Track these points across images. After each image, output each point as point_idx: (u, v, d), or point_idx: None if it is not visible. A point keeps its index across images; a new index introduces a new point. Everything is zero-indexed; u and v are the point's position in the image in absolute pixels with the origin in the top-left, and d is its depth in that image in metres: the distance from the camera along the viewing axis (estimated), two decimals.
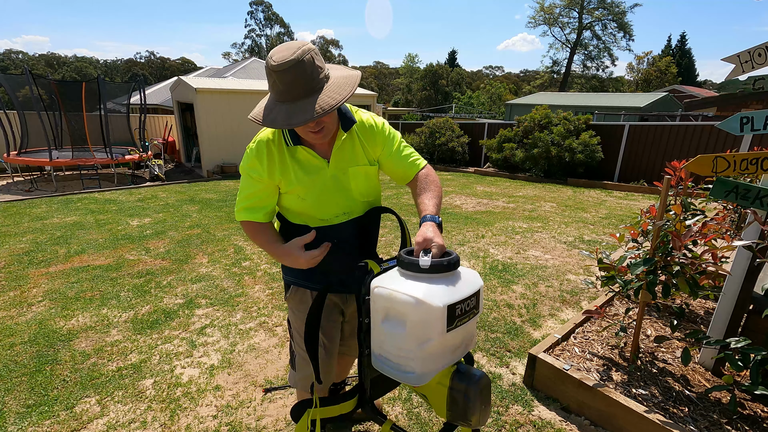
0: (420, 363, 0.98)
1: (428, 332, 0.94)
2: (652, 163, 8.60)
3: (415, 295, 0.93)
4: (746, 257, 1.89)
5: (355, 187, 1.31)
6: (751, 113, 1.80)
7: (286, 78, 1.04)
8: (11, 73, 14.60)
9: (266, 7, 53.64)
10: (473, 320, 1.03)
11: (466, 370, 1.05)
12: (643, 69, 41.89)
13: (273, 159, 1.24)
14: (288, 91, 1.06)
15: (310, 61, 1.04)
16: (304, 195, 1.26)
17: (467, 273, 1.05)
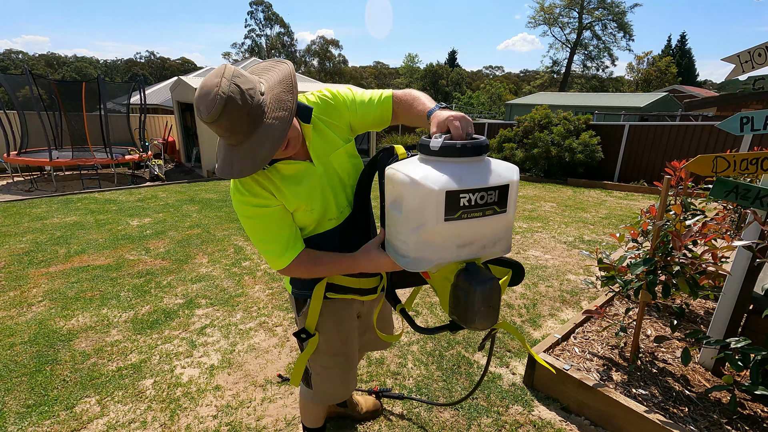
0: (413, 248, 0.92)
1: (422, 216, 0.87)
2: (652, 163, 8.60)
3: (413, 175, 0.86)
4: (746, 257, 1.89)
5: (342, 172, 1.23)
6: (751, 113, 1.80)
7: (220, 130, 0.96)
8: (11, 73, 14.61)
9: (266, 7, 53.64)
10: (494, 219, 0.91)
11: (475, 270, 0.94)
12: (643, 69, 41.91)
13: (264, 185, 1.11)
14: (228, 139, 0.98)
15: (237, 92, 0.91)
16: (309, 206, 1.16)
17: (498, 165, 0.91)
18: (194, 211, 6.23)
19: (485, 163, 0.90)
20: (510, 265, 1.16)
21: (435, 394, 2.16)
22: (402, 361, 2.44)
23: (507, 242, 1.00)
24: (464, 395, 2.15)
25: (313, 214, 1.18)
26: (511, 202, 0.92)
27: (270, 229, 1.13)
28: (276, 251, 1.14)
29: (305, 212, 1.17)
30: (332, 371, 1.41)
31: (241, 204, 1.12)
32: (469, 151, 0.88)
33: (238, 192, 1.11)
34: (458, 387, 2.22)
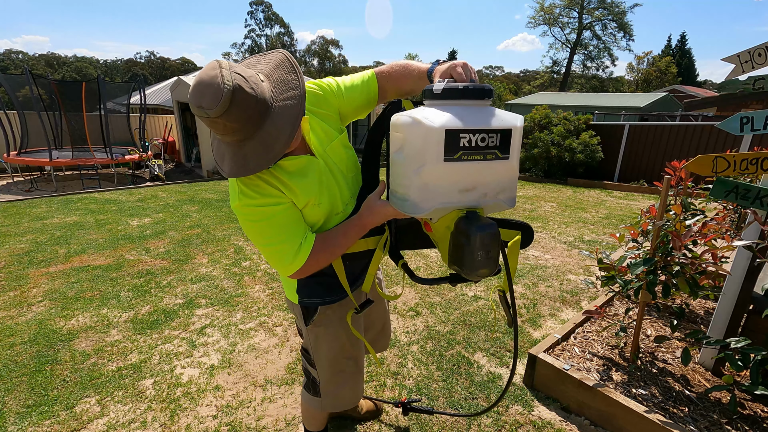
0: (415, 191, 0.91)
1: (423, 156, 0.86)
2: (652, 163, 8.60)
3: (415, 115, 0.86)
4: (746, 257, 1.89)
5: (340, 163, 1.19)
6: (751, 113, 1.80)
7: (231, 120, 0.87)
8: (11, 73, 14.60)
9: (266, 7, 53.66)
10: (496, 164, 0.89)
11: (475, 217, 0.92)
12: (643, 69, 41.90)
13: (273, 184, 1.05)
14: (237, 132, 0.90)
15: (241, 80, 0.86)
16: (318, 200, 1.12)
17: (502, 113, 0.90)
18: (194, 211, 6.23)
19: (489, 109, 0.89)
20: (518, 227, 1.15)
21: (435, 395, 2.16)
22: (402, 361, 2.44)
23: (511, 193, 0.96)
24: (465, 395, 2.15)
25: (321, 207, 1.13)
26: (514, 149, 0.90)
27: (283, 227, 1.06)
28: (291, 251, 1.06)
29: (314, 207, 1.11)
30: (344, 376, 1.38)
31: (248, 207, 1.03)
32: (471, 92, 0.87)
33: (245, 196, 1.02)
34: (458, 387, 2.22)
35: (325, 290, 1.28)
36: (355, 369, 1.41)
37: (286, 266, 1.08)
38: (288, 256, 1.06)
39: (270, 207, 1.03)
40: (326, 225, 1.18)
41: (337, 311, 1.32)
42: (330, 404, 1.43)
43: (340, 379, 1.39)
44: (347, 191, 1.21)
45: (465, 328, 2.82)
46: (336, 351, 1.35)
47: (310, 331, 1.34)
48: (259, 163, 0.93)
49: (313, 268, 1.12)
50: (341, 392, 1.41)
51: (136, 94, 9.65)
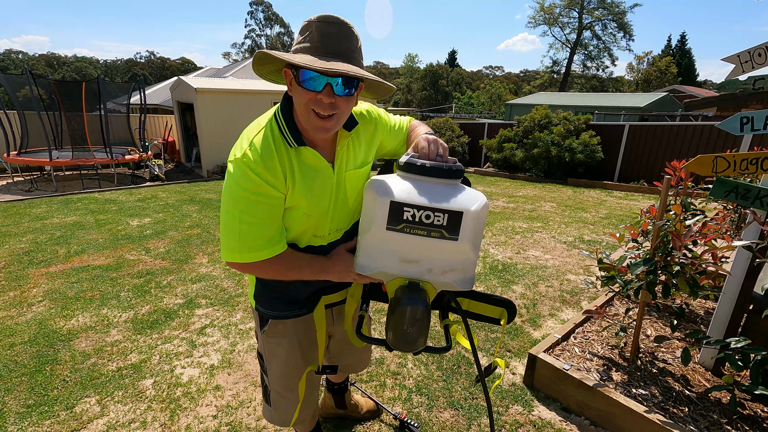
0: (362, 251, 0.96)
1: (370, 219, 0.90)
2: (652, 163, 8.60)
3: (373, 184, 0.91)
4: (746, 257, 1.89)
5: (350, 190, 1.15)
6: (751, 113, 1.80)
7: (328, 30, 0.90)
8: (11, 73, 14.61)
9: (266, 7, 53.67)
10: (442, 243, 0.89)
11: (412, 288, 0.94)
12: (643, 69, 41.91)
13: (284, 165, 0.98)
14: (324, 45, 0.90)
15: (352, 32, 0.95)
16: (309, 210, 1.05)
17: (466, 193, 0.91)
18: (194, 211, 6.23)
19: (449, 189, 0.91)
20: (502, 304, 1.18)
21: (435, 394, 2.16)
22: (402, 361, 2.44)
23: (466, 274, 0.95)
24: (465, 395, 2.15)
25: (309, 220, 1.08)
26: (465, 232, 0.88)
27: (258, 214, 0.97)
28: (255, 241, 0.98)
29: (301, 214, 1.06)
30: (295, 394, 1.31)
31: (248, 171, 0.94)
32: (428, 171, 0.90)
33: (251, 159, 0.94)
34: (458, 387, 2.22)
35: (282, 305, 1.24)
36: (307, 390, 1.33)
37: (235, 251, 0.99)
38: (247, 245, 0.98)
39: (247, 189, 0.95)
40: (300, 239, 1.13)
41: (291, 328, 1.26)
42: (279, 419, 1.38)
43: (291, 397, 1.32)
44: (340, 219, 1.16)
45: None
46: (289, 368, 1.29)
47: (264, 340, 1.29)
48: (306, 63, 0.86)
49: (261, 273, 1.08)
50: (290, 409, 1.34)
51: (136, 94, 9.65)
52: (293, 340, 1.27)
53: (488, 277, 3.68)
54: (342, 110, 0.95)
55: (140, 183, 8.67)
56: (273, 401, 1.36)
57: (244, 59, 16.45)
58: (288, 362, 1.29)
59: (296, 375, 1.30)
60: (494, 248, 4.49)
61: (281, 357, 1.29)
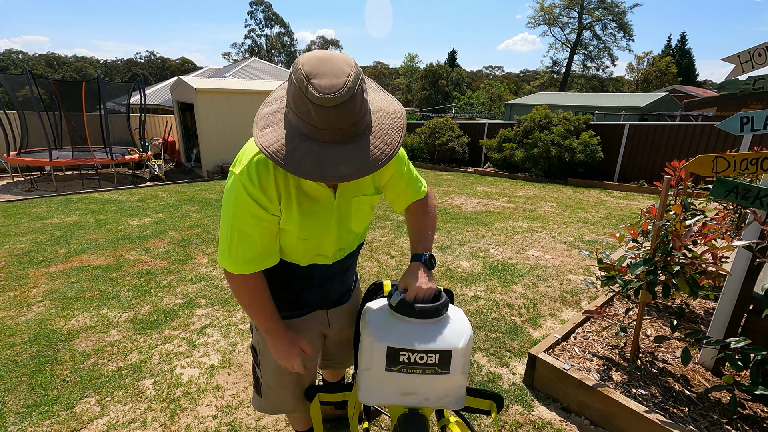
0: (362, 384, 1.08)
1: (369, 361, 1.02)
2: (652, 163, 8.60)
3: (369, 323, 1.04)
4: (746, 257, 1.89)
5: (356, 218, 1.15)
6: (751, 113, 1.80)
7: (330, 116, 0.77)
8: (11, 73, 14.61)
9: (266, 7, 53.67)
10: (436, 378, 1.00)
11: (413, 418, 1.07)
12: (643, 69, 41.91)
13: (280, 190, 0.98)
14: (328, 131, 0.80)
15: (360, 92, 0.79)
16: (306, 235, 1.07)
17: (451, 329, 1.02)
18: (194, 211, 6.23)
19: (438, 325, 1.02)
20: (492, 397, 1.24)
21: None
22: None
23: (456, 397, 1.08)
24: None
25: (305, 243, 1.09)
26: (455, 365, 1.00)
27: (248, 230, 0.99)
28: (240, 254, 1.01)
29: (295, 238, 1.07)
30: (288, 389, 1.34)
31: (243, 190, 0.95)
32: (418, 314, 1.02)
33: (248, 180, 0.94)
34: None
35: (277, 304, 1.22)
36: (297, 385, 1.35)
37: (225, 257, 1.03)
38: (233, 256, 1.01)
39: (242, 207, 0.96)
40: (301, 260, 1.15)
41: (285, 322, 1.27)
42: (269, 408, 1.41)
43: (283, 392, 1.35)
44: (340, 244, 1.17)
45: None
46: (275, 363, 1.30)
47: (257, 335, 1.31)
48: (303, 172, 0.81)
49: (231, 284, 1.08)
50: (282, 401, 1.38)
51: (136, 94, 9.65)
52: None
53: (488, 278, 3.68)
54: None
55: (140, 183, 8.67)
56: (264, 393, 1.37)
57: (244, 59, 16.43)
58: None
59: (288, 375, 1.30)
60: (494, 248, 4.49)
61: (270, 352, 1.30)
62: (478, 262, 4.08)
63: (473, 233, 5.08)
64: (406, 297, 1.05)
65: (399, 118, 0.92)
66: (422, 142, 12.20)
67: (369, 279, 3.65)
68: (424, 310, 1.01)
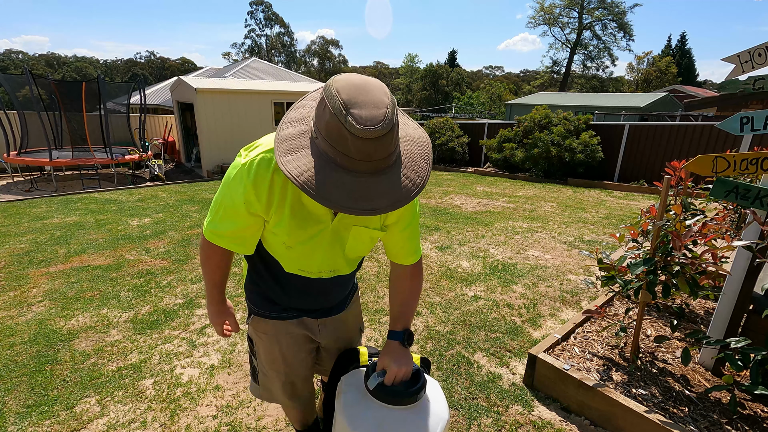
0: None
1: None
2: (652, 163, 8.60)
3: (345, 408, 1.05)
4: (746, 257, 1.89)
5: (352, 246, 1.12)
6: (751, 113, 1.80)
7: (369, 147, 0.73)
8: (11, 73, 14.62)
9: (266, 7, 53.67)
10: None
11: None
12: (643, 69, 41.91)
13: (274, 193, 0.96)
14: (364, 163, 0.76)
15: (396, 123, 0.77)
16: (291, 244, 1.05)
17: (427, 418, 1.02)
18: (194, 211, 6.23)
19: (415, 411, 1.03)
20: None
21: None
22: None
23: None
24: (465, 395, 2.15)
25: (289, 251, 1.08)
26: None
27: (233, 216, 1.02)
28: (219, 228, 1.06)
29: (281, 243, 1.06)
30: (281, 381, 1.35)
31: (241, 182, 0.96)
32: (396, 401, 1.03)
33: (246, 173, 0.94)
34: (458, 387, 2.22)
35: (261, 301, 1.26)
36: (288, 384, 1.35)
37: (207, 220, 1.12)
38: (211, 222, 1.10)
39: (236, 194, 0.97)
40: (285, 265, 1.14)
41: (271, 328, 1.27)
42: (266, 396, 1.44)
43: (278, 382, 1.36)
44: (328, 266, 1.14)
45: (465, 328, 2.82)
46: (271, 360, 1.32)
47: (250, 327, 1.34)
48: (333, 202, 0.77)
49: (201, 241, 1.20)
50: (274, 391, 1.40)
51: (136, 94, 9.66)
52: (273, 341, 1.29)
53: (488, 278, 3.68)
54: None
55: (140, 183, 8.67)
56: (261, 381, 1.40)
57: (245, 59, 16.39)
58: (269, 357, 1.32)
59: (275, 368, 1.33)
60: (494, 248, 4.49)
61: (265, 349, 1.32)
62: (478, 262, 4.08)
63: (473, 233, 5.08)
64: (385, 380, 1.06)
65: (426, 146, 0.89)
66: None
67: (369, 279, 3.65)
68: (403, 396, 1.03)
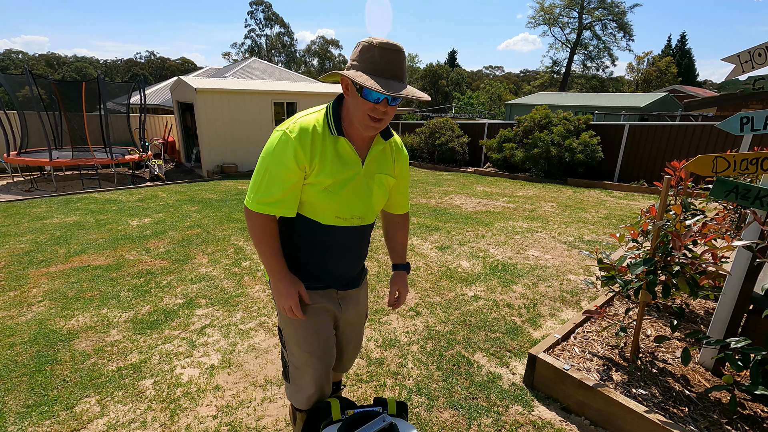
0: None
1: None
2: (652, 163, 8.60)
3: None
4: (746, 257, 1.89)
5: (377, 193, 1.32)
6: (751, 113, 1.80)
7: (388, 56, 1.09)
8: (11, 73, 14.59)
9: (266, 7, 53.65)
10: None
11: None
12: (643, 69, 41.88)
13: (316, 146, 1.18)
14: (385, 68, 1.09)
15: (404, 57, 1.13)
16: (333, 189, 1.22)
17: None
18: (194, 211, 6.23)
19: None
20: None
21: (435, 394, 2.16)
22: (402, 361, 2.44)
23: None
24: (465, 395, 2.15)
25: (331, 197, 1.22)
26: None
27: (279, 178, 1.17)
28: (262, 196, 1.19)
29: (323, 190, 1.20)
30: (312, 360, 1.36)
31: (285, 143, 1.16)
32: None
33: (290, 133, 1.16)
34: (458, 387, 2.22)
35: (296, 272, 1.33)
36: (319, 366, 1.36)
37: (250, 196, 1.22)
38: (254, 193, 1.21)
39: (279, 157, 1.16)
40: (323, 216, 1.27)
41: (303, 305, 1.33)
42: (294, 393, 1.43)
43: (306, 373, 1.36)
44: (360, 211, 1.30)
45: (465, 328, 2.82)
46: (303, 338, 1.35)
47: (282, 316, 1.37)
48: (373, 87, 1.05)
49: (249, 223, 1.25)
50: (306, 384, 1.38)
51: (136, 94, 9.66)
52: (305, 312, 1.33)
53: (488, 278, 3.68)
54: (390, 115, 1.17)
55: (140, 183, 8.67)
56: (292, 375, 1.41)
57: (245, 59, 16.36)
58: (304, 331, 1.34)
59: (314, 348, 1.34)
60: (494, 248, 4.49)
61: (295, 326, 1.34)
62: (478, 262, 4.08)
63: (473, 233, 5.08)
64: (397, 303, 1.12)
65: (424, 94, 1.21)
66: (422, 142, 12.20)
67: (369, 279, 3.65)
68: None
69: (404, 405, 1.21)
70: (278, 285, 1.27)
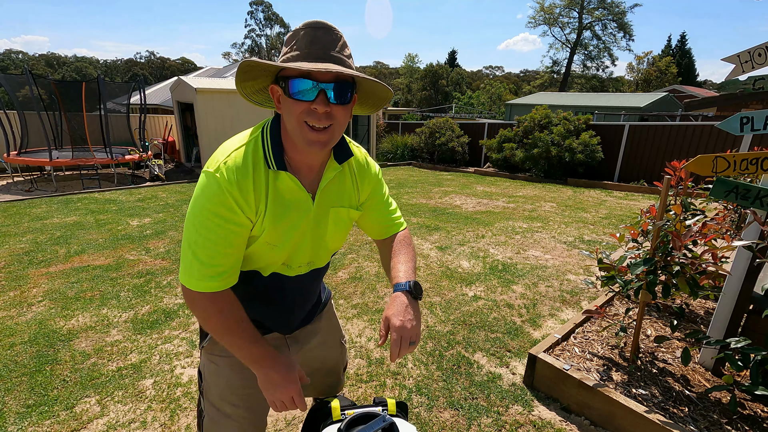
0: None
1: None
2: (652, 163, 8.60)
3: None
4: (746, 257, 1.89)
5: (332, 231, 1.05)
6: (751, 113, 1.80)
7: (315, 34, 0.83)
8: (11, 73, 14.60)
9: (266, 7, 53.68)
10: None
11: None
12: (643, 69, 41.89)
13: (259, 188, 0.88)
14: (311, 49, 0.82)
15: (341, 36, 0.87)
16: (276, 241, 0.94)
17: None
18: None
19: None
20: None
21: (435, 394, 2.16)
22: (402, 361, 2.44)
23: None
24: (465, 395, 2.15)
25: (274, 251, 0.96)
26: None
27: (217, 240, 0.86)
28: (204, 269, 0.87)
29: (265, 243, 0.94)
30: (230, 423, 1.12)
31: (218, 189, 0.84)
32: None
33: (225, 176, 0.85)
34: (458, 387, 2.22)
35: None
36: (246, 420, 1.14)
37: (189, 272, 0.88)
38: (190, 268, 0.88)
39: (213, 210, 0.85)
40: (265, 269, 1.02)
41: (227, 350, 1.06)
42: None
43: (228, 417, 1.12)
44: (309, 257, 1.06)
45: (465, 328, 2.82)
46: (222, 389, 1.11)
47: (203, 354, 1.15)
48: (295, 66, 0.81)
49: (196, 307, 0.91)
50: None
51: (136, 94, 9.66)
52: (234, 363, 1.08)
53: (488, 278, 3.68)
54: (338, 121, 0.85)
55: (140, 183, 8.67)
56: (206, 427, 1.16)
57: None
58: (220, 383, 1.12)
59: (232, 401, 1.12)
60: (494, 248, 4.49)
61: (218, 376, 1.12)
62: (478, 262, 4.08)
63: (473, 233, 5.08)
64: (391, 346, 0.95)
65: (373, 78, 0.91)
66: (422, 142, 12.20)
67: (369, 279, 3.65)
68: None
69: (404, 405, 1.19)
70: (271, 375, 0.95)
